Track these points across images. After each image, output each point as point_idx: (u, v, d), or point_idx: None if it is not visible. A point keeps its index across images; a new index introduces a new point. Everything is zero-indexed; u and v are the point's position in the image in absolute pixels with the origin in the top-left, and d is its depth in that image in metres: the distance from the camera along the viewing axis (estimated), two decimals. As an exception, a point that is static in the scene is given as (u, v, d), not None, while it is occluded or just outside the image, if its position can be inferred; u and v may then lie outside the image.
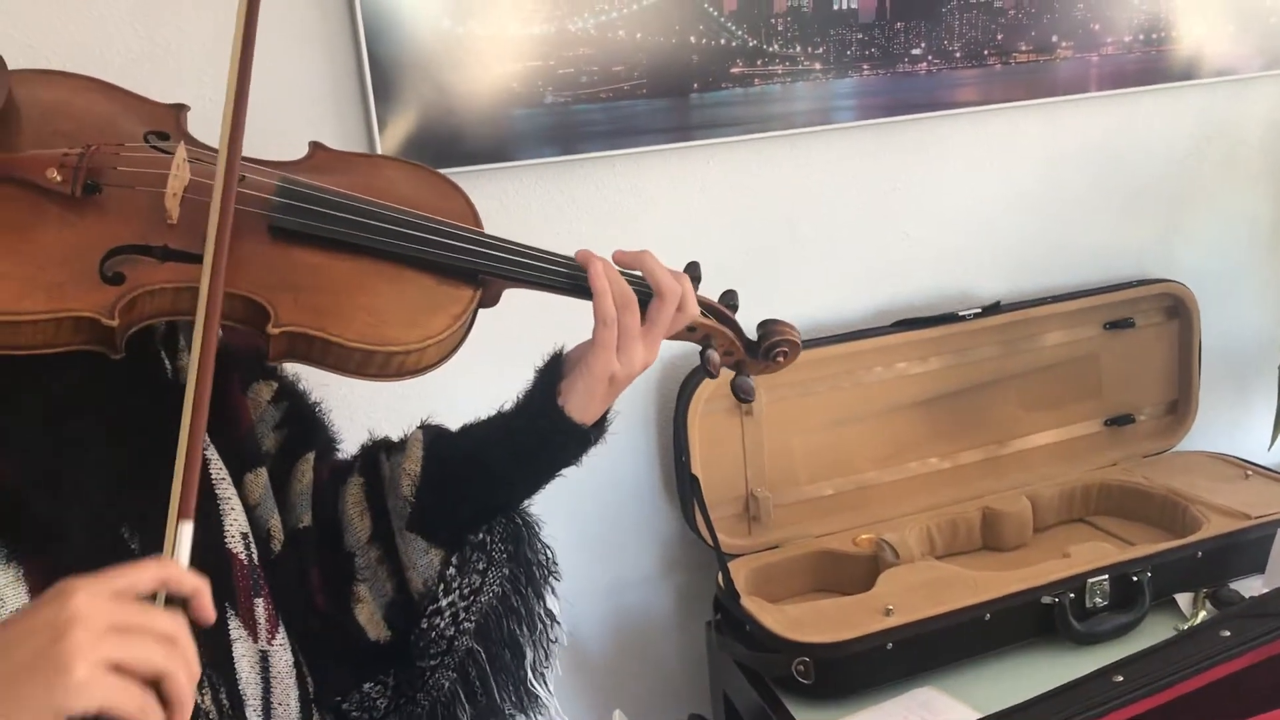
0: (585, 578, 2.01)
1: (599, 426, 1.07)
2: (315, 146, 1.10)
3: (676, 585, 2.08)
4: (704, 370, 1.12)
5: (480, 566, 1.08)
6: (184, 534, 0.78)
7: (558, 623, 1.13)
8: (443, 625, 1.06)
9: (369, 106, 1.65)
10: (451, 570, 1.07)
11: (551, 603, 1.13)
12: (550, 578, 1.13)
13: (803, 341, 1.93)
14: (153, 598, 0.75)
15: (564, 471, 1.09)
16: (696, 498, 1.86)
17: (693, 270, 1.13)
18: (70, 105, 1.00)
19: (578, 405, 1.03)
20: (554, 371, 1.06)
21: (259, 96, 1.62)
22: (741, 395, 1.15)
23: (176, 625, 0.74)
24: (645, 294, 1.05)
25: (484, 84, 1.70)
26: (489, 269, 1.02)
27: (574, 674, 2.04)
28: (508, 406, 1.09)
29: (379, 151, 1.66)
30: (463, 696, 1.08)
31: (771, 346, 1.15)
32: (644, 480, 2.01)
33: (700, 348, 1.12)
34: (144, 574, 0.75)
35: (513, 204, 1.79)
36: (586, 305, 1.05)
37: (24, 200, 0.89)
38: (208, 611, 0.77)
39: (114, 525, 0.89)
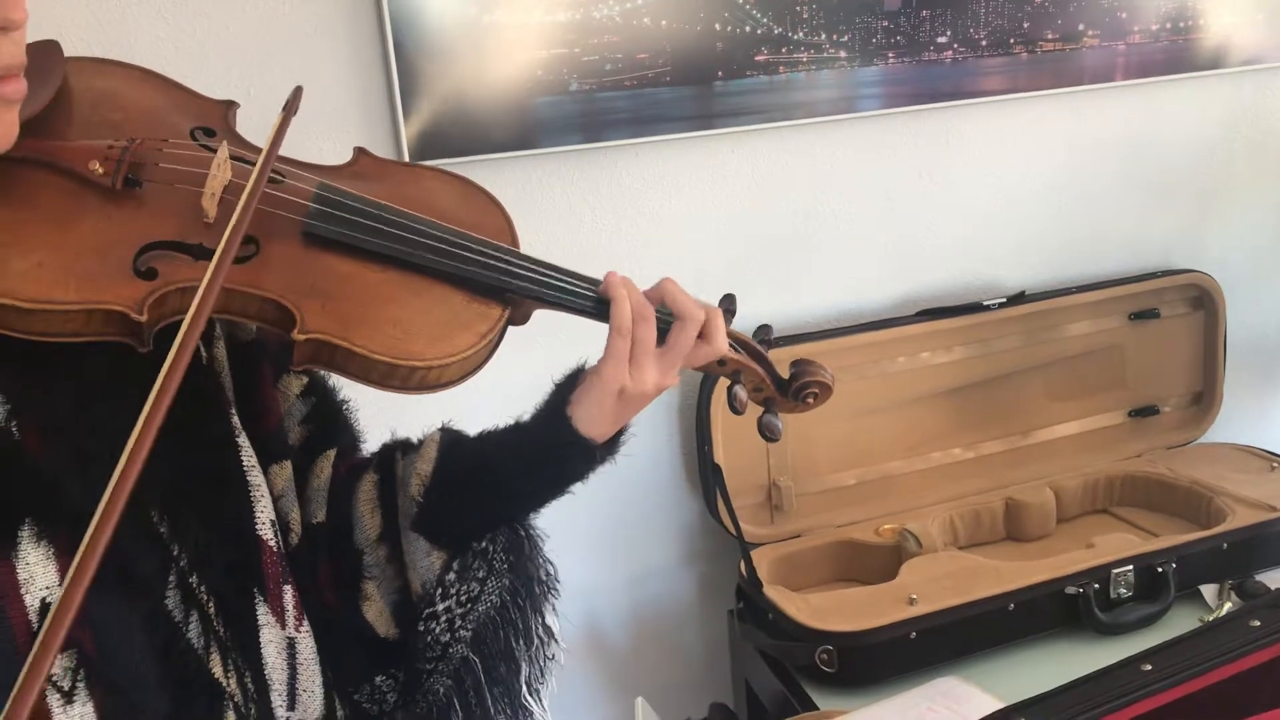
0: (608, 566, 2.01)
1: (609, 446, 1.06)
2: (359, 152, 1.10)
3: (699, 574, 2.08)
4: (730, 407, 1.10)
5: (480, 575, 1.07)
6: None
7: (556, 640, 1.12)
8: (438, 631, 1.06)
9: (394, 94, 1.65)
10: (451, 575, 1.06)
11: (551, 619, 1.12)
12: (550, 594, 1.11)
13: (826, 330, 1.95)
14: None
15: (572, 488, 1.07)
16: (719, 486, 1.86)
17: (727, 303, 1.11)
18: (121, 96, 1.01)
19: (584, 416, 1.02)
20: (570, 384, 1.05)
21: (287, 86, 1.63)
22: (767, 435, 1.12)
23: None
24: (669, 321, 1.04)
25: (508, 72, 1.70)
26: (519, 289, 1.01)
27: (597, 662, 2.04)
28: (525, 416, 1.08)
29: (404, 140, 1.66)
30: (457, 705, 1.08)
31: (803, 387, 1.13)
32: (666, 469, 2.01)
33: (729, 383, 1.11)
34: None
35: (536, 192, 1.79)
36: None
37: (65, 189, 0.89)
38: None
39: (144, 508, 0.90)
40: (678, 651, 2.11)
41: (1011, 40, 1.99)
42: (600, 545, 1.99)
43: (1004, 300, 2.04)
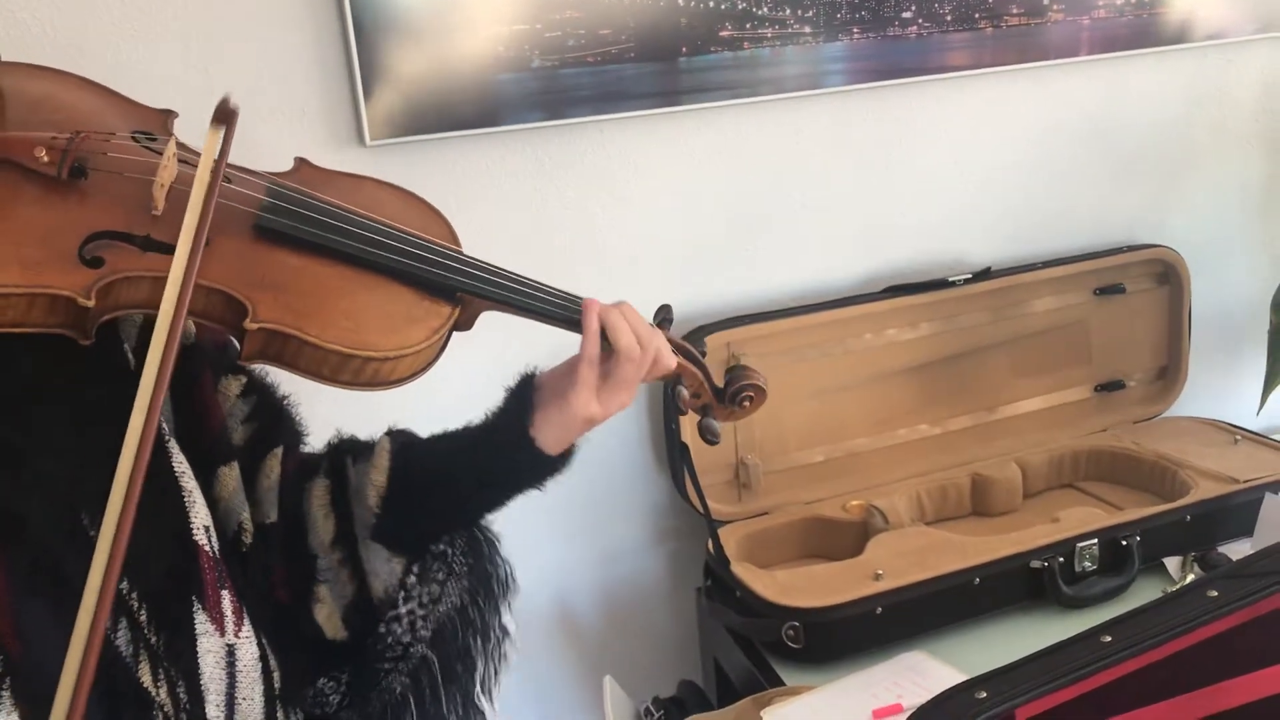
0: (577, 546, 2.01)
1: (566, 454, 1.08)
2: (300, 162, 1.11)
3: (667, 553, 2.08)
4: (673, 406, 1.14)
5: (440, 577, 1.09)
6: None
7: (510, 638, 1.15)
8: (400, 631, 1.08)
9: (354, 72, 1.63)
10: (412, 579, 1.08)
11: (507, 618, 1.15)
12: (508, 593, 1.15)
13: (792, 308, 1.95)
14: None
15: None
16: (687, 465, 1.84)
17: (664, 313, 1.14)
18: (59, 98, 1.01)
19: (551, 439, 1.05)
20: (525, 398, 1.07)
21: (244, 66, 1.61)
22: (708, 438, 1.15)
23: None
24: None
25: (470, 48, 1.68)
26: (470, 288, 1.03)
27: (566, 642, 2.04)
28: (476, 424, 1.09)
29: (364, 118, 1.64)
30: (412, 703, 1.10)
31: (738, 392, 1.16)
32: (634, 448, 2.01)
33: (671, 384, 1.14)
34: None
35: (499, 170, 1.77)
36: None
37: (7, 179, 0.89)
38: None
39: (74, 511, 0.89)
40: (647, 630, 2.11)
41: (976, 15, 1.99)
42: (569, 525, 1.99)
43: (969, 276, 2.04)
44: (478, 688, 1.13)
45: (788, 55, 1.88)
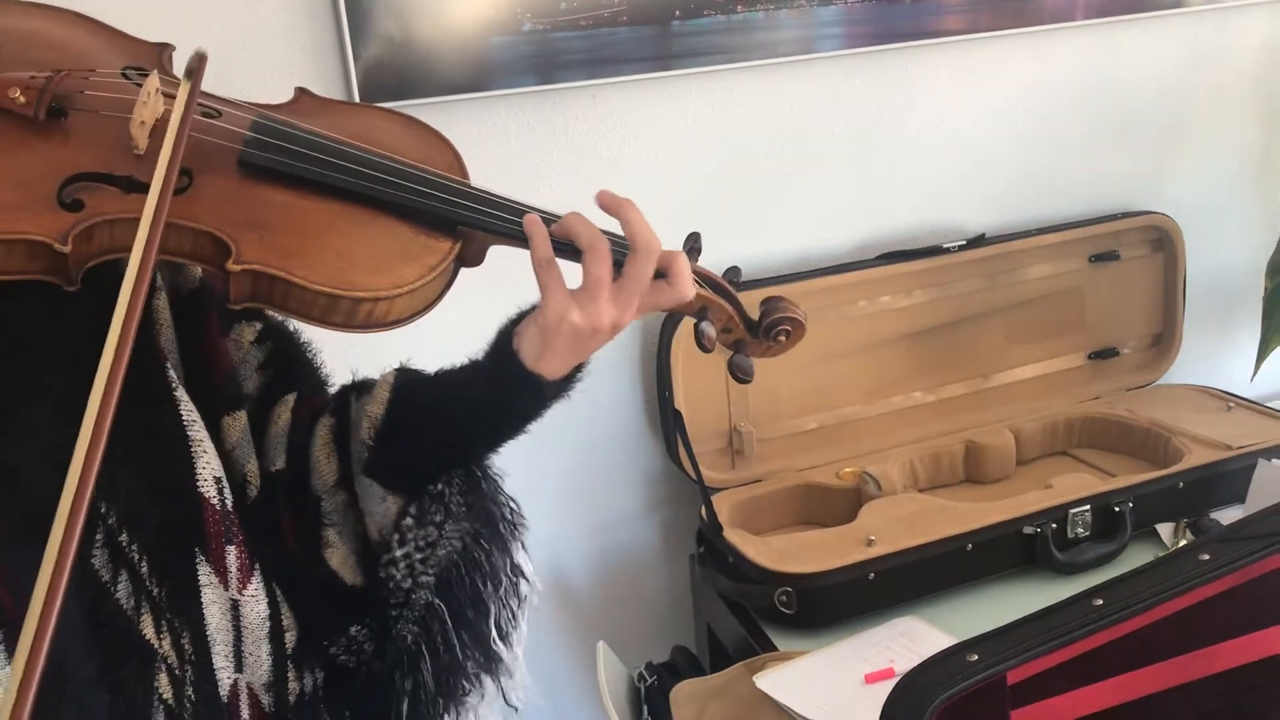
0: (571, 513, 2.01)
1: (563, 383, 1.01)
2: (301, 92, 1.06)
3: (661, 520, 2.08)
4: (697, 344, 1.04)
5: (437, 519, 1.03)
6: None
7: (526, 578, 1.09)
8: (399, 576, 1.03)
9: (343, 34, 1.61)
10: (408, 520, 1.02)
11: (520, 558, 1.09)
12: (516, 532, 1.08)
13: (787, 274, 1.94)
14: None
15: (528, 428, 1.03)
16: (680, 432, 1.86)
17: (692, 241, 1.04)
18: (49, 35, 0.97)
19: (532, 352, 0.97)
20: (521, 319, 1.01)
21: (232, 23, 1.59)
22: (739, 376, 1.07)
23: None
24: (624, 252, 0.98)
25: (461, 10, 1.67)
26: (469, 220, 0.96)
27: (559, 608, 2.04)
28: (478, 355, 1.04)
29: (354, 81, 1.63)
30: (425, 652, 1.05)
31: (773, 325, 1.06)
32: (628, 415, 2.01)
33: (695, 319, 1.05)
34: None
35: (490, 136, 1.76)
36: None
37: None
38: None
39: (66, 464, 0.88)
40: (640, 597, 2.11)
41: (972, -21, 1.97)
42: (563, 493, 1.99)
43: (964, 243, 2.04)
44: (493, 633, 1.07)
45: (781, 19, 1.86)
